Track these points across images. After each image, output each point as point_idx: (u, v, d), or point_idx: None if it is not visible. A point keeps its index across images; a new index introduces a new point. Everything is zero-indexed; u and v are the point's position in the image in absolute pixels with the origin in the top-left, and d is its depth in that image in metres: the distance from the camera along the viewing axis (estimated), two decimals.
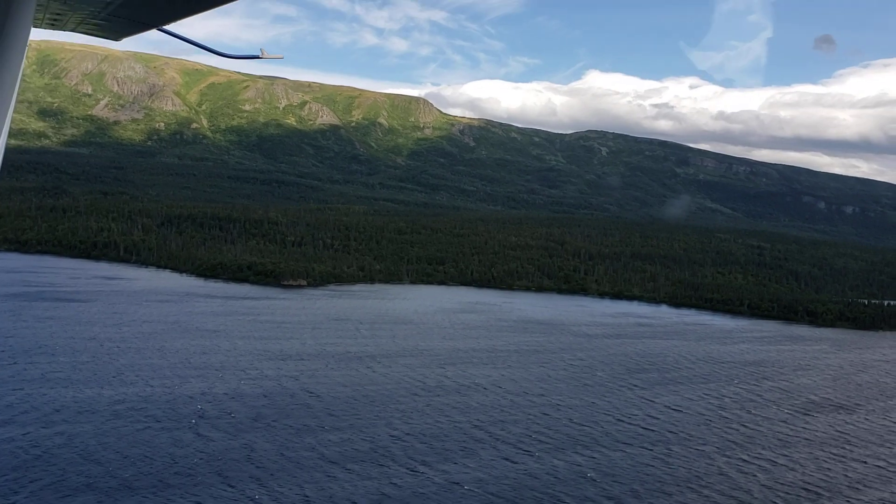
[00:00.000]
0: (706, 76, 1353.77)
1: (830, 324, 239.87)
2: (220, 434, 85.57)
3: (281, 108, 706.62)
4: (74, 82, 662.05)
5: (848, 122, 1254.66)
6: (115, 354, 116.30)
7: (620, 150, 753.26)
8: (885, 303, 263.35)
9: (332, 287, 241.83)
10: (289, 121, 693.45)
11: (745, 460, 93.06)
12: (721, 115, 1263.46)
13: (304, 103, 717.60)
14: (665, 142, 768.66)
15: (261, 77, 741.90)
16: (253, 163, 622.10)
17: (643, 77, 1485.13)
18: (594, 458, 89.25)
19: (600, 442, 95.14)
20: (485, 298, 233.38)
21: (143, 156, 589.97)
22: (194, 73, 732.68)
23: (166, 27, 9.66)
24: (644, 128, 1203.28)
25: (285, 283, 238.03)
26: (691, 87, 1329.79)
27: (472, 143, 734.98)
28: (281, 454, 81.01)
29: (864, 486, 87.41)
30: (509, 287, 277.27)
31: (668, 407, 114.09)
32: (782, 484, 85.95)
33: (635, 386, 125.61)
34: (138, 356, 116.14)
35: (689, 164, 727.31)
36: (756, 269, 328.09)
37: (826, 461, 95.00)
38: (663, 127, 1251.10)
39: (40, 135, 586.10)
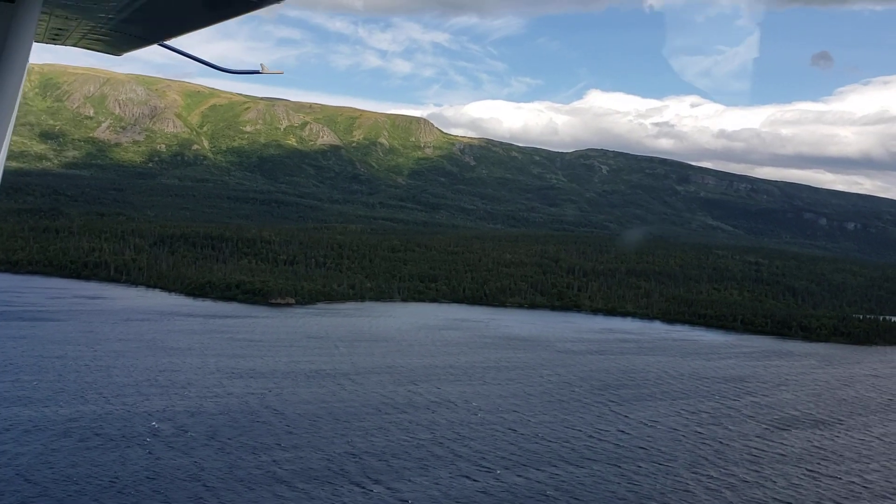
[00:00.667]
0: (707, 95, 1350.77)
1: (825, 339, 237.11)
2: (171, 452, 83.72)
3: (282, 129, 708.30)
4: (76, 105, 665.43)
5: (849, 140, 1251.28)
6: (80, 373, 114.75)
7: (621, 168, 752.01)
8: (882, 318, 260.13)
9: (320, 305, 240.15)
10: (289, 141, 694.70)
11: (713, 477, 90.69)
12: (722, 134, 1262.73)
13: (304, 124, 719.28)
14: (665, 160, 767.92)
15: (262, 98, 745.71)
16: (253, 183, 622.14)
17: (644, 96, 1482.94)
18: (557, 475, 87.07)
19: (566, 459, 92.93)
20: (473, 315, 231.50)
21: (143, 177, 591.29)
22: (196, 95, 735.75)
23: (167, 42, 9.69)
24: (646, 146, 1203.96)
25: (273, 301, 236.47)
26: (692, 105, 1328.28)
27: (473, 163, 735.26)
28: (230, 472, 79.11)
29: (834, 502, 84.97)
30: (502, 304, 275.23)
31: (642, 423, 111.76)
32: (749, 501, 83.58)
33: (611, 402, 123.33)
34: (103, 374, 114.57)
35: (689, 182, 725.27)
36: (752, 285, 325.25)
37: (797, 477, 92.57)
38: (665, 145, 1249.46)
39: (41, 157, 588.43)
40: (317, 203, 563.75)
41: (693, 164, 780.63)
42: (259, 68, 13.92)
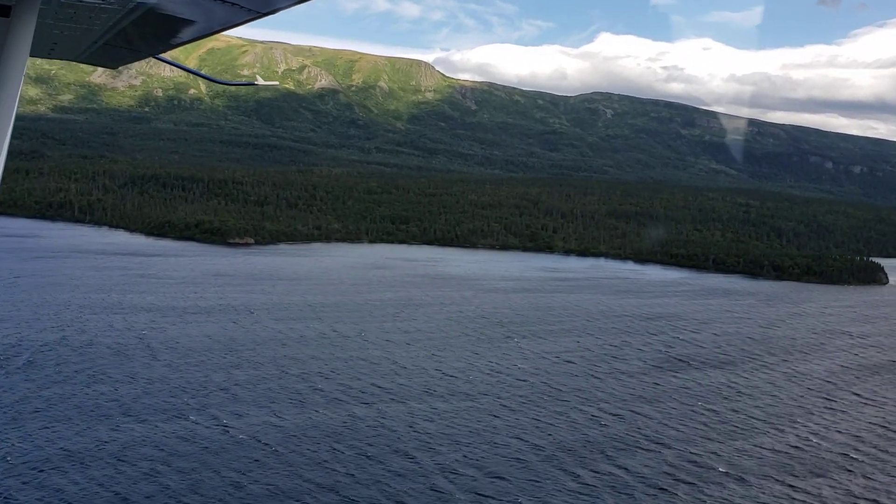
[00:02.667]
0: (719, 38, 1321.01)
1: (796, 278, 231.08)
2: (8, 379, 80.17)
3: (279, 73, 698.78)
4: None
5: (863, 83, 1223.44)
6: None
7: (626, 111, 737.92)
8: (861, 258, 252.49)
9: (280, 246, 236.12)
10: (287, 85, 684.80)
11: (594, 410, 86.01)
12: (732, 78, 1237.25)
13: (302, 67, 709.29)
14: (671, 103, 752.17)
15: (260, 42, 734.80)
16: (249, 128, 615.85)
17: (655, 39, 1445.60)
18: (417, 408, 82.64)
19: (432, 393, 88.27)
20: (425, 255, 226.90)
21: (137, 122, 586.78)
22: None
23: (163, 55, 9.82)
24: (655, 91, 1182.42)
25: (231, 241, 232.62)
26: (704, 48, 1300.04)
27: (474, 107, 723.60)
28: (64, 400, 75.36)
29: (709, 439, 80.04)
30: (473, 245, 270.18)
31: (541, 357, 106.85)
32: (626, 432, 78.88)
33: (509, 337, 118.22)
34: None
35: (694, 126, 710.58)
36: (738, 226, 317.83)
37: (684, 413, 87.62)
38: (675, 90, 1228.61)
39: (35, 101, 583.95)
40: (311, 147, 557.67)
41: (700, 107, 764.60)
42: (255, 80, 15.73)
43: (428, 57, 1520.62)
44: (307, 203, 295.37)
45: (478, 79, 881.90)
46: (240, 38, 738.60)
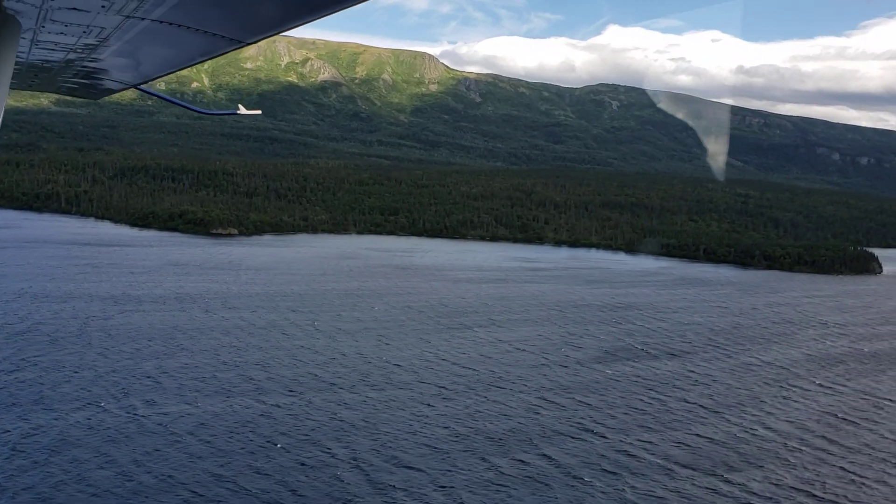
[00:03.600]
0: (728, 30, 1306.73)
1: (788, 268, 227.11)
2: None
3: (283, 66, 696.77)
4: None
5: (872, 75, 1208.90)
6: None
7: (632, 103, 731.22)
8: (856, 248, 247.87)
9: (264, 237, 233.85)
10: (290, 78, 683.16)
11: (534, 399, 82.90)
12: (741, 70, 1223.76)
13: (305, 60, 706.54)
14: (678, 94, 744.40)
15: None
16: (251, 121, 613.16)
17: (664, 31, 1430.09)
18: (331, 400, 79.79)
19: (367, 382, 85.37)
20: (409, 246, 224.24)
21: (140, 115, 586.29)
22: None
23: (144, 87, 9.75)
24: (664, 83, 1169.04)
25: (214, 231, 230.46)
26: (713, 40, 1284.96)
27: (479, 99, 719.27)
28: None
29: (647, 428, 76.88)
30: (462, 237, 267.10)
31: (479, 347, 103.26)
32: (541, 427, 75.80)
33: (467, 327, 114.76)
34: None
35: (701, 117, 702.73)
36: (735, 216, 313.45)
37: (609, 403, 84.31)
38: (683, 82, 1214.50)
39: (38, 95, 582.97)
40: (312, 140, 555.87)
41: (706, 99, 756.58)
42: (236, 109, 15.37)
43: (435, 50, 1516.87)
44: (297, 194, 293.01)
45: (484, 71, 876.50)
46: None
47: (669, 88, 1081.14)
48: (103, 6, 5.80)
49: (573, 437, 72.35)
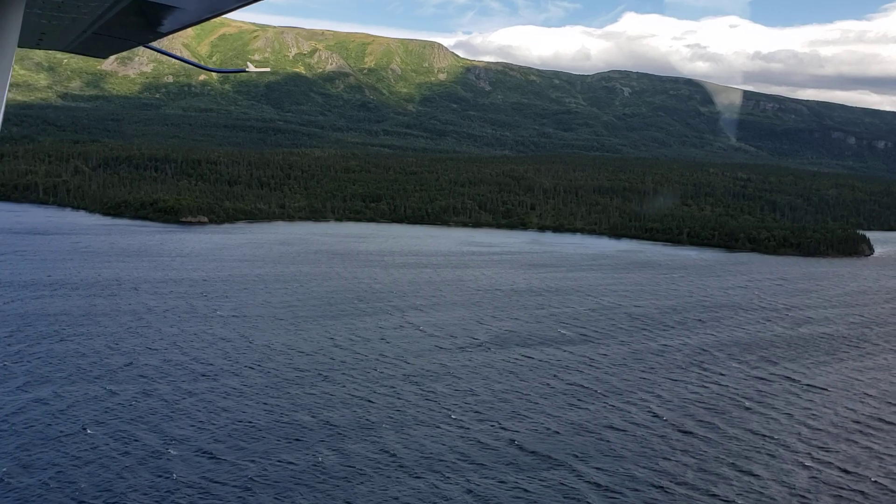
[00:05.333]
0: (746, 15, 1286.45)
1: (773, 251, 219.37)
2: None
3: (291, 57, 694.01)
4: None
5: (894, 58, 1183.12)
6: None
7: (644, 90, 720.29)
8: (840, 230, 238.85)
9: (236, 224, 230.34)
10: (298, 69, 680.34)
11: (433, 387, 77.60)
12: (758, 55, 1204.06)
13: (314, 51, 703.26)
14: (690, 80, 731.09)
15: (273, 27, 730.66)
16: (257, 112, 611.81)
17: (680, 17, 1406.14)
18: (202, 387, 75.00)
19: (202, 371, 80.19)
20: (374, 232, 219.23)
21: (147, 108, 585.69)
22: (205, 25, 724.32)
23: (153, 44, 9.87)
24: (680, 70, 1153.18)
25: (184, 220, 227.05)
26: (731, 26, 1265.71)
27: (488, 88, 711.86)
28: None
29: (488, 420, 71.20)
30: (444, 223, 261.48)
31: (381, 333, 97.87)
32: (451, 406, 70.48)
33: (385, 312, 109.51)
34: None
35: (714, 103, 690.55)
36: (731, 200, 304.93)
37: (465, 391, 78.64)
38: (701, 69, 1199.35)
39: (46, 88, 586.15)
40: (317, 131, 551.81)
41: (720, 84, 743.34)
42: (245, 67, 15.49)
43: (449, 41, 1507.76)
44: (280, 182, 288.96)
45: (498, 60, 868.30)
46: (252, 23, 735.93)
47: (685, 75, 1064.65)
48: None
49: (424, 425, 66.89)
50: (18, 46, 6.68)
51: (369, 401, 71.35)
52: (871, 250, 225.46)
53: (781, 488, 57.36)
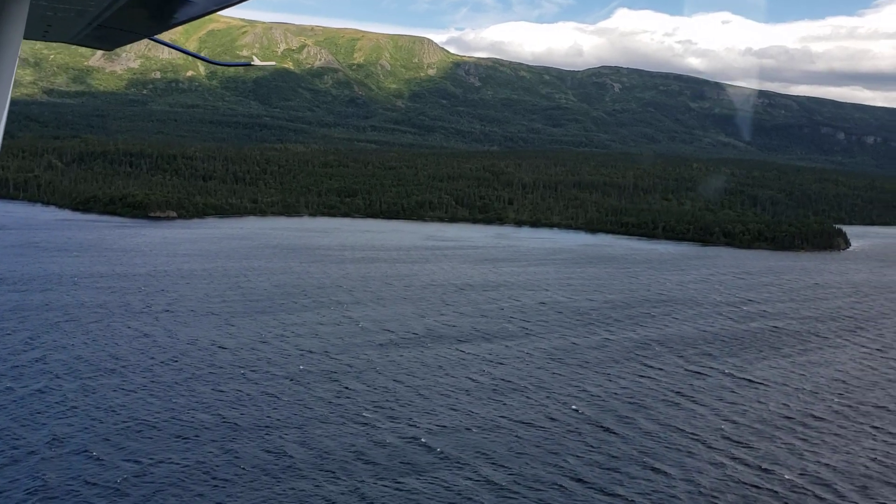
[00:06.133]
0: (738, 11, 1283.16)
1: (747, 245, 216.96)
2: None
3: (279, 53, 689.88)
4: None
5: (885, 54, 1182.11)
6: None
7: (634, 85, 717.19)
8: (816, 224, 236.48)
9: (205, 219, 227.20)
10: (286, 65, 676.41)
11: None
12: (749, 52, 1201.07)
13: (303, 47, 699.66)
14: (680, 75, 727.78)
15: (261, 22, 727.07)
16: (244, 108, 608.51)
17: (672, 13, 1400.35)
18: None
19: (100, 367, 76.93)
20: (339, 226, 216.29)
21: (134, 104, 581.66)
22: (194, 21, 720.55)
23: (158, 36, 9.83)
24: (672, 66, 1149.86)
25: (152, 214, 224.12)
26: (723, 22, 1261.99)
27: (478, 84, 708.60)
28: None
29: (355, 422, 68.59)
30: (420, 218, 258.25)
31: (282, 330, 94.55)
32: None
33: (305, 308, 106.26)
34: None
35: (704, 99, 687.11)
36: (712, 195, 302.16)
37: (339, 393, 75.93)
38: (692, 65, 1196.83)
39: (30, 85, 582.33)
40: (304, 126, 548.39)
41: (710, 80, 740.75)
42: (250, 61, 15.50)
43: (441, 37, 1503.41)
44: (255, 177, 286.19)
45: (489, 56, 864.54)
46: (241, 18, 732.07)
47: (676, 71, 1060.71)
48: None
49: (329, 423, 64.28)
50: (24, 38, 6.56)
51: (277, 398, 68.73)
52: (848, 244, 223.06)
53: (688, 486, 54.81)
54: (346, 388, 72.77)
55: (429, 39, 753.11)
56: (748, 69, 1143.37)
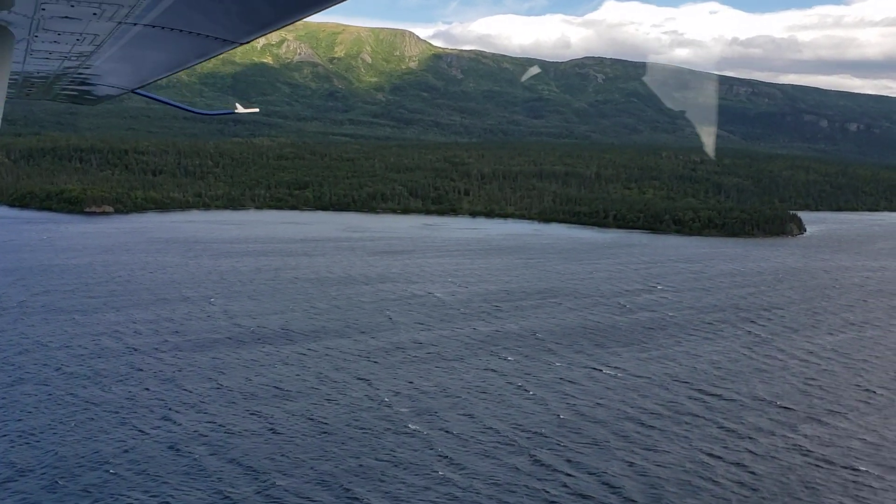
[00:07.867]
0: (725, 1, 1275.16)
1: (697, 232, 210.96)
2: None
3: (258, 48, 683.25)
4: None
5: (871, 42, 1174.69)
6: None
7: (617, 76, 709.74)
8: (769, 210, 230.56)
9: (144, 214, 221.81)
10: (265, 60, 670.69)
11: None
12: (736, 41, 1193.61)
13: (282, 41, 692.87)
14: (665, 66, 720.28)
15: None
16: (223, 103, 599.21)
17: (660, 4, 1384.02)
18: None
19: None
20: (265, 219, 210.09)
21: (109, 102, 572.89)
22: None
23: (140, 90, 9.63)
24: (660, 57, 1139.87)
25: (88, 210, 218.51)
26: (710, 12, 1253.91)
27: (460, 76, 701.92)
28: None
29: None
30: (372, 210, 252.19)
31: (102, 330, 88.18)
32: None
33: (126, 305, 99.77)
34: None
35: (688, 88, 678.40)
36: (677, 183, 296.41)
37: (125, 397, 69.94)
38: (680, 55, 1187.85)
39: None
40: (280, 121, 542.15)
41: (694, 69, 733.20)
42: (234, 109, 16.33)
43: (429, 31, 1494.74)
44: (206, 171, 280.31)
45: (475, 48, 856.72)
46: None
47: (662, 62, 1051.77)
48: (95, 13, 5.67)
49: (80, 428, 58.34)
50: (8, 98, 6.47)
51: (48, 400, 62.73)
52: (802, 230, 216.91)
53: (465, 492, 48.81)
54: (124, 391, 66.61)
55: (411, 32, 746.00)
56: (736, 59, 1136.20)
